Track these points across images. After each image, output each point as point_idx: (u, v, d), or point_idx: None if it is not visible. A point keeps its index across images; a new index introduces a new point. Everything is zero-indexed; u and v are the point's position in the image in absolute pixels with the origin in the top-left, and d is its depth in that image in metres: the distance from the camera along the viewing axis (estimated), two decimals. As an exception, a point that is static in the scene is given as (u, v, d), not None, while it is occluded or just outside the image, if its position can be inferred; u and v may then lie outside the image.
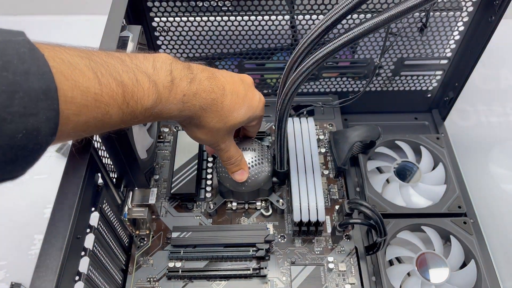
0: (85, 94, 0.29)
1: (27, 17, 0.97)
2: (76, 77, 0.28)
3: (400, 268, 0.52)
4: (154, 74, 0.36)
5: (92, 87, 0.29)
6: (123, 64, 0.33)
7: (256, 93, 0.47)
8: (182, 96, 0.38)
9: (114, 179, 0.50)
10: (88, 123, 0.30)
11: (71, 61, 0.29)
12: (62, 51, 0.29)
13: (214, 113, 0.42)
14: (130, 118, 0.34)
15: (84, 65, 0.30)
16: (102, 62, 0.31)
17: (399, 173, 0.60)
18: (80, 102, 0.29)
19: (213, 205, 0.56)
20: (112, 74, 0.32)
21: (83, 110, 0.29)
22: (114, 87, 0.31)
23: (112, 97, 0.31)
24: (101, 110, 0.31)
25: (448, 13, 0.57)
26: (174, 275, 0.51)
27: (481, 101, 0.80)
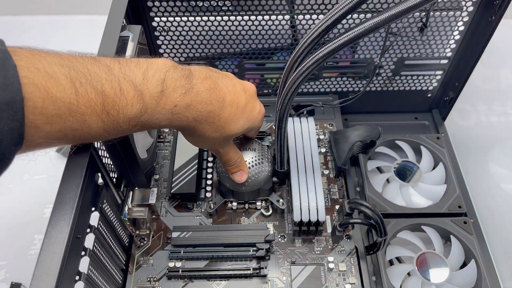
0: (57, 104, 0.29)
1: (27, 17, 0.97)
2: (50, 87, 0.28)
3: (401, 268, 0.52)
4: (142, 84, 0.35)
5: (66, 97, 0.29)
6: (109, 72, 0.33)
7: (257, 104, 0.47)
8: (172, 107, 0.37)
9: (114, 179, 0.50)
10: (64, 132, 0.30)
11: (48, 70, 0.29)
12: (42, 59, 0.29)
13: (209, 124, 0.41)
14: (113, 128, 0.34)
15: (62, 74, 0.29)
16: (84, 71, 0.31)
17: (399, 173, 0.60)
18: (51, 112, 0.29)
19: (213, 205, 0.56)
20: (93, 83, 0.31)
21: (56, 120, 0.29)
22: (93, 97, 0.31)
23: (90, 107, 0.31)
24: (77, 120, 0.30)
25: (448, 12, 0.57)
26: (174, 275, 0.51)
27: (481, 101, 0.80)
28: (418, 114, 0.73)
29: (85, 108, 0.31)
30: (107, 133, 0.34)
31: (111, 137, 0.35)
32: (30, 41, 0.94)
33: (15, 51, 0.28)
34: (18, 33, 0.95)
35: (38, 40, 0.94)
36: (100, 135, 0.34)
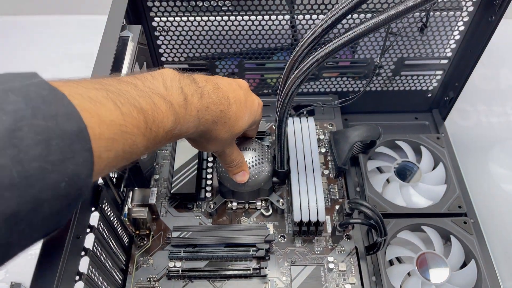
0: (112, 128, 0.27)
1: (27, 17, 0.97)
2: (99, 111, 0.27)
3: (401, 268, 0.52)
4: (168, 94, 0.34)
5: (116, 119, 0.28)
6: (137, 88, 0.32)
7: (254, 97, 0.47)
8: (196, 112, 0.37)
9: (114, 179, 0.50)
10: (118, 157, 0.29)
11: (90, 95, 0.27)
12: (78, 86, 0.27)
13: (223, 124, 0.41)
14: (153, 144, 0.33)
15: (102, 97, 0.28)
16: (117, 91, 0.30)
17: (399, 173, 0.60)
18: (108, 137, 0.27)
19: (213, 205, 0.56)
20: (131, 101, 0.30)
21: (112, 145, 0.28)
22: (136, 115, 0.30)
23: (136, 126, 0.30)
24: (128, 142, 0.29)
25: (448, 12, 0.56)
26: (174, 275, 0.51)
27: (481, 101, 0.80)
28: (418, 114, 0.73)
29: (132, 127, 0.29)
30: (147, 150, 0.33)
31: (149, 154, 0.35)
32: (30, 41, 0.95)
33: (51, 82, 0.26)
34: (18, 33, 0.95)
35: (38, 40, 0.94)
36: (143, 153, 0.32)
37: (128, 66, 0.46)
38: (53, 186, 0.23)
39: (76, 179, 0.24)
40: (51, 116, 0.23)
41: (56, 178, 0.23)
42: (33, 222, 0.23)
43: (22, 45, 0.93)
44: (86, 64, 0.51)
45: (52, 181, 0.23)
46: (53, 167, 0.22)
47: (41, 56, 0.91)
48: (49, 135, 0.23)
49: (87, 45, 0.60)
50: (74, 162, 0.24)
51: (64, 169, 0.23)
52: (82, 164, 0.24)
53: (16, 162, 0.21)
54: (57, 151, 0.23)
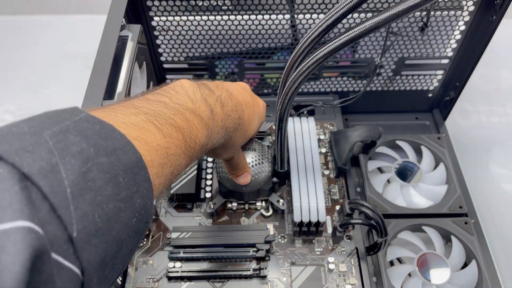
0: (160, 153, 0.26)
1: (27, 17, 0.97)
2: (146, 137, 0.26)
3: (401, 269, 0.52)
4: (195, 108, 0.33)
5: (161, 143, 0.27)
6: (167, 106, 0.30)
7: (259, 99, 0.47)
8: (221, 122, 0.36)
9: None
10: (166, 181, 0.28)
11: (132, 122, 0.26)
12: (117, 113, 0.26)
13: (239, 131, 0.40)
14: (192, 161, 0.32)
15: (143, 121, 0.27)
16: (153, 113, 0.28)
17: (400, 173, 0.59)
18: (158, 163, 0.26)
19: (213, 205, 0.56)
20: (168, 121, 0.29)
21: (162, 170, 0.26)
22: (175, 135, 0.29)
23: (178, 146, 0.29)
24: (173, 164, 0.28)
25: (449, 12, 0.56)
26: (174, 275, 0.50)
27: (482, 101, 0.80)
28: (418, 114, 0.73)
29: (175, 148, 0.28)
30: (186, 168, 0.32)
31: None
32: (30, 41, 0.95)
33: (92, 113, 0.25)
34: (18, 33, 0.95)
35: (38, 40, 0.93)
36: (182, 171, 0.32)
37: (127, 66, 0.46)
38: (127, 224, 0.22)
39: (143, 213, 0.23)
40: (111, 151, 0.22)
41: (129, 215, 0.22)
42: (115, 265, 0.22)
43: (22, 45, 0.93)
44: (85, 63, 0.51)
45: (125, 219, 0.22)
46: (124, 205, 0.22)
47: (41, 56, 0.91)
48: (116, 172, 0.22)
49: (86, 44, 0.60)
50: (139, 195, 0.23)
51: (133, 204, 0.22)
52: (146, 196, 0.24)
53: (96, 206, 0.20)
54: (124, 186, 0.22)
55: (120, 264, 0.22)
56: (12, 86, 0.84)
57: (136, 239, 0.23)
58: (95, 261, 0.20)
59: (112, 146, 0.22)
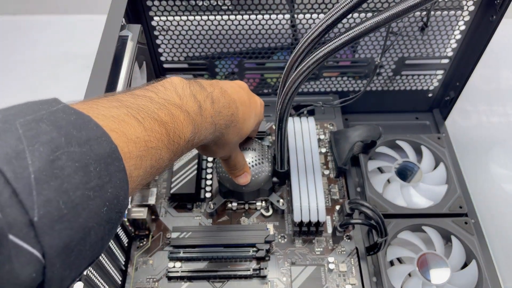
0: (138, 145, 0.27)
1: (27, 17, 0.97)
2: (125, 130, 0.26)
3: (401, 269, 0.52)
4: (183, 104, 0.33)
5: (141, 136, 0.27)
6: (153, 101, 0.31)
7: (256, 98, 0.47)
8: (211, 119, 0.36)
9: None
10: (147, 173, 0.28)
11: (112, 114, 0.27)
12: (98, 106, 0.27)
13: (233, 128, 0.41)
14: (176, 156, 0.32)
15: (124, 114, 0.27)
16: (136, 106, 0.29)
17: (400, 173, 0.59)
18: (136, 155, 0.27)
19: (213, 205, 0.56)
20: (151, 115, 0.29)
21: (140, 162, 0.27)
22: (158, 129, 0.29)
23: (160, 140, 0.29)
24: (154, 157, 0.29)
25: (449, 12, 0.56)
26: (174, 275, 0.50)
27: (482, 101, 0.80)
28: (418, 114, 0.73)
29: (157, 142, 0.29)
30: (171, 163, 0.32)
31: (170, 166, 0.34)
32: (30, 41, 0.94)
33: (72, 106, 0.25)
34: (18, 33, 0.95)
35: (38, 40, 0.93)
36: (167, 166, 0.32)
37: (127, 66, 0.46)
38: (96, 212, 0.22)
39: (116, 202, 0.24)
40: (85, 141, 0.23)
41: (98, 204, 0.22)
42: (82, 252, 0.22)
43: (22, 45, 0.93)
44: (85, 63, 0.51)
45: (94, 208, 0.22)
46: (94, 193, 0.22)
47: (41, 56, 0.91)
48: (86, 161, 0.22)
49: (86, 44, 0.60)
50: (112, 185, 0.23)
51: (104, 193, 0.23)
52: (119, 186, 0.24)
53: (61, 193, 0.20)
54: (95, 176, 0.22)
55: (89, 251, 0.23)
56: (12, 86, 0.84)
57: (108, 228, 0.24)
58: (58, 246, 0.20)
59: (86, 136, 0.23)
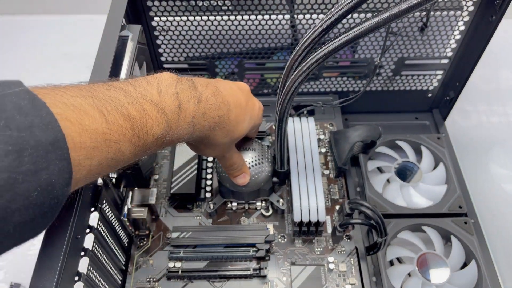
0: (94, 136, 0.27)
1: (27, 17, 0.97)
2: (82, 120, 0.27)
3: (401, 269, 0.52)
4: (161, 101, 0.34)
5: (100, 127, 0.28)
6: (127, 95, 0.32)
7: (255, 101, 0.47)
8: (191, 119, 0.36)
9: (114, 179, 0.50)
10: (102, 164, 0.29)
11: (74, 103, 0.27)
12: (63, 94, 0.27)
13: (221, 130, 0.40)
14: (143, 150, 0.33)
15: (88, 104, 0.28)
16: (105, 98, 0.30)
17: (399, 173, 0.60)
18: (90, 145, 0.27)
19: (213, 205, 0.56)
20: (118, 108, 0.30)
21: (94, 153, 0.28)
22: (122, 123, 0.30)
23: (122, 133, 0.30)
24: (112, 149, 0.29)
25: (448, 12, 0.56)
26: (174, 275, 0.50)
27: (482, 101, 0.80)
28: (418, 114, 0.73)
29: (118, 135, 0.29)
30: (136, 157, 0.33)
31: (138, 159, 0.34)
32: (30, 41, 0.94)
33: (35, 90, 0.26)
34: (18, 33, 0.95)
35: (38, 40, 0.94)
36: (131, 160, 0.33)
37: (127, 66, 0.46)
38: (25, 195, 0.23)
39: (50, 189, 0.24)
40: (26, 127, 0.23)
41: (27, 187, 0.23)
42: (4, 230, 0.23)
43: (22, 45, 0.93)
44: (86, 64, 0.51)
45: (22, 191, 0.23)
46: (24, 177, 0.23)
47: (41, 56, 0.91)
48: (22, 146, 0.23)
49: (86, 45, 0.60)
50: (48, 172, 0.24)
51: (36, 179, 0.23)
52: (57, 174, 0.25)
53: None
54: (29, 161, 0.23)
55: (14, 232, 0.24)
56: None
57: (40, 212, 0.24)
58: None
59: (30, 122, 0.24)
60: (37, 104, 0.25)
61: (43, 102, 0.25)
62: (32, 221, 0.24)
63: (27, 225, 0.24)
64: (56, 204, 0.26)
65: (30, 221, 0.24)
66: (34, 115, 0.24)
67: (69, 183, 0.26)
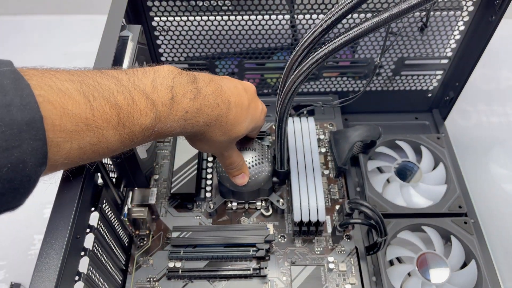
0: (75, 120, 0.28)
1: (27, 17, 0.97)
2: (65, 103, 0.28)
3: (401, 268, 0.52)
4: (153, 92, 0.34)
5: (82, 113, 0.29)
6: (119, 83, 0.32)
7: (259, 103, 0.47)
8: (184, 113, 0.36)
9: (114, 179, 0.50)
10: (83, 148, 0.30)
11: (60, 87, 0.28)
12: (52, 77, 0.28)
13: (218, 128, 0.41)
14: (129, 139, 0.33)
15: (74, 89, 0.29)
16: (95, 84, 0.31)
17: (399, 173, 0.60)
18: (70, 129, 0.28)
19: (213, 205, 0.56)
20: (105, 96, 0.31)
21: (75, 136, 0.29)
22: (108, 110, 0.30)
23: (106, 120, 0.30)
24: (95, 134, 0.30)
25: (448, 12, 0.56)
26: (174, 275, 0.51)
27: (481, 101, 0.80)
28: (418, 114, 0.73)
29: (101, 121, 0.30)
30: (124, 146, 0.33)
31: (127, 149, 0.35)
32: (30, 41, 0.95)
33: (24, 71, 0.27)
34: (18, 33, 0.95)
35: (38, 40, 0.94)
36: (117, 148, 0.33)
37: (127, 66, 0.46)
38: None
39: (22, 166, 0.25)
40: (4, 105, 0.24)
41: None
42: None
43: (22, 45, 0.93)
44: (86, 64, 0.51)
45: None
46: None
47: (41, 56, 0.91)
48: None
49: (87, 45, 0.60)
50: (20, 150, 0.25)
51: (7, 156, 0.24)
52: (30, 153, 0.25)
53: None
54: (1, 138, 0.24)
55: None
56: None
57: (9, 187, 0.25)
58: None
59: (9, 101, 0.25)
60: (19, 85, 0.26)
61: (26, 83, 0.26)
62: (3, 195, 0.25)
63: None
64: (29, 182, 0.26)
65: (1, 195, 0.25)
66: (15, 94, 0.25)
67: (43, 163, 0.27)
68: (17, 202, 0.27)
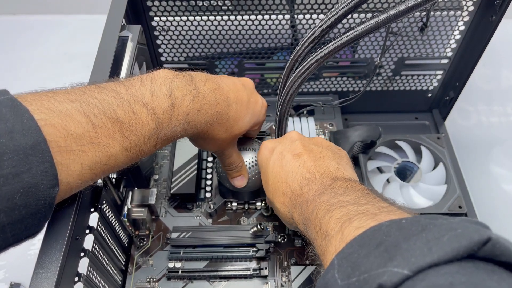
0: (80, 141, 0.28)
1: (27, 17, 0.97)
2: (67, 125, 0.28)
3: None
4: (152, 101, 0.34)
5: (86, 132, 0.29)
6: (118, 97, 0.32)
7: (259, 98, 0.47)
8: (185, 116, 0.36)
9: (114, 179, 0.50)
10: (94, 169, 0.30)
11: (60, 108, 0.28)
12: (50, 99, 0.28)
13: (220, 125, 0.41)
14: (136, 153, 0.33)
15: (74, 109, 0.29)
16: (94, 101, 0.30)
17: (399, 173, 0.60)
18: (77, 149, 0.28)
19: (213, 205, 0.56)
20: (106, 112, 0.31)
21: (83, 157, 0.29)
22: (110, 126, 0.30)
23: (110, 137, 0.30)
24: (102, 153, 0.30)
25: (448, 12, 0.56)
26: (174, 275, 0.50)
27: (481, 101, 0.80)
28: (418, 114, 0.73)
29: (106, 138, 0.30)
30: (131, 160, 0.34)
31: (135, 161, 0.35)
32: (30, 41, 0.95)
33: (21, 97, 0.27)
34: (18, 33, 0.95)
35: (38, 40, 0.93)
36: (125, 163, 0.33)
37: (127, 66, 0.46)
38: (7, 198, 0.24)
39: (34, 190, 0.25)
40: (6, 132, 0.24)
41: (10, 190, 0.24)
42: None
43: (22, 45, 0.93)
44: (85, 64, 0.51)
45: (4, 193, 0.24)
46: (5, 180, 0.24)
47: (41, 56, 0.91)
48: (1, 151, 0.24)
49: (86, 45, 0.60)
50: (30, 174, 0.25)
51: (18, 181, 0.24)
52: (40, 176, 0.25)
53: None
54: (9, 165, 0.24)
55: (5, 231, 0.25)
56: (12, 86, 0.84)
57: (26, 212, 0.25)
58: None
59: (10, 128, 0.25)
60: (18, 111, 0.26)
61: (25, 108, 0.26)
62: (21, 221, 0.25)
63: (16, 226, 0.25)
64: (44, 205, 0.26)
65: (19, 222, 0.25)
66: (15, 121, 0.25)
67: (55, 184, 0.27)
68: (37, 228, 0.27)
